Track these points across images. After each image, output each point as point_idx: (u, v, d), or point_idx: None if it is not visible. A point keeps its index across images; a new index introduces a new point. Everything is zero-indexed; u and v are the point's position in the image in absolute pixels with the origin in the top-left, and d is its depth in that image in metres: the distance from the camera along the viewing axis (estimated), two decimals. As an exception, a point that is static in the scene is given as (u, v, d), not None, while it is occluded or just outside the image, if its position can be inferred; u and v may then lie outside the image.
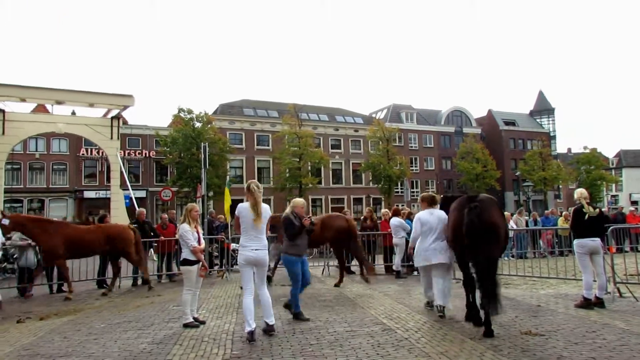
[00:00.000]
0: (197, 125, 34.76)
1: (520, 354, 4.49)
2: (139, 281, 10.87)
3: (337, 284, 9.36)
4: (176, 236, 9.29)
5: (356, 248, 9.85)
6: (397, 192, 42.10)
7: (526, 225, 16.11)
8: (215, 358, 4.63)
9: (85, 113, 22.47)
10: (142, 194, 37.61)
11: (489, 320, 5.16)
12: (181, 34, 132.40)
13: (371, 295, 8.21)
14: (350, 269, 11.29)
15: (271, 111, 44.84)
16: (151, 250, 12.67)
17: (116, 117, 20.72)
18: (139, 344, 5.28)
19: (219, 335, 5.51)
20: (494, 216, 5.54)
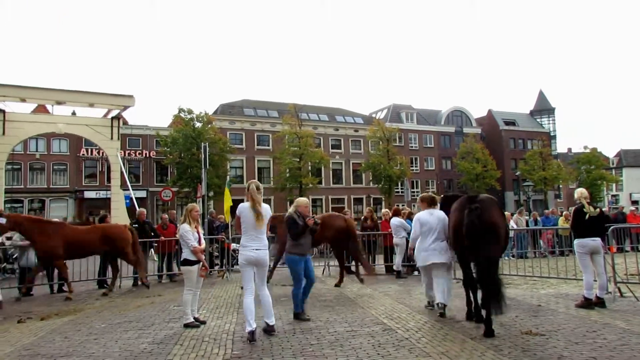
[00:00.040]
0: (198, 125, 34.79)
1: (521, 353, 4.49)
2: (140, 281, 10.88)
3: (338, 284, 9.37)
4: (176, 236, 9.30)
5: (355, 248, 9.85)
6: (398, 192, 42.10)
7: (526, 225, 16.11)
8: (216, 358, 4.64)
9: (85, 113, 22.51)
10: (143, 194, 37.63)
11: (489, 320, 5.16)
12: (181, 34, 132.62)
13: (372, 295, 8.21)
14: (350, 269, 11.28)
15: (271, 111, 44.86)
16: (152, 251, 12.67)
17: (116, 118, 20.75)
18: (140, 344, 5.28)
19: (219, 335, 5.52)
20: (494, 216, 5.55)
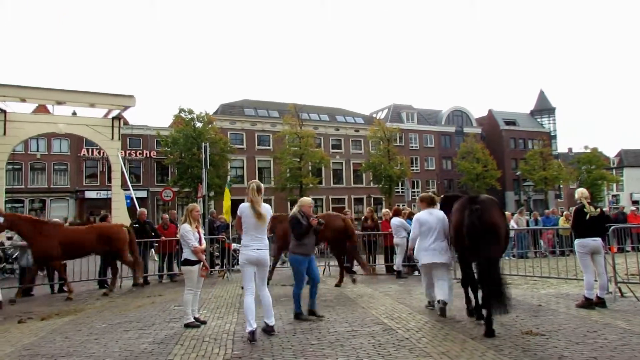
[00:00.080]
0: (198, 125, 34.80)
1: (522, 353, 4.49)
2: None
3: (338, 284, 9.37)
4: (177, 236, 9.30)
5: (353, 248, 9.84)
6: (398, 192, 42.09)
7: (527, 225, 16.10)
8: (217, 358, 4.64)
9: (86, 113, 22.42)
10: (143, 194, 37.62)
11: (490, 320, 5.16)
12: (182, 34, 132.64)
13: (372, 295, 8.21)
14: (351, 269, 11.29)
15: (272, 111, 44.87)
16: (152, 251, 12.67)
17: (117, 118, 20.69)
18: (140, 344, 5.29)
19: (220, 335, 5.52)
20: (495, 217, 5.57)
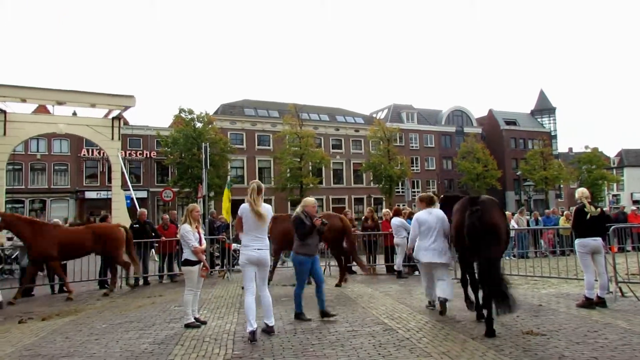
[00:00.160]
0: (198, 125, 34.81)
1: (522, 353, 4.48)
2: (141, 281, 10.90)
3: (338, 284, 9.37)
4: (177, 237, 9.30)
5: (352, 248, 9.82)
6: (398, 192, 42.09)
7: (527, 224, 16.09)
8: (217, 358, 4.64)
9: (86, 114, 22.46)
10: (143, 194, 37.63)
11: (490, 320, 5.16)
12: (182, 34, 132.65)
13: (372, 295, 8.21)
14: (351, 269, 11.29)
15: (272, 111, 44.87)
16: (153, 251, 12.68)
17: (117, 118, 20.72)
18: (141, 344, 5.29)
19: (220, 336, 5.52)
20: (495, 218, 5.59)
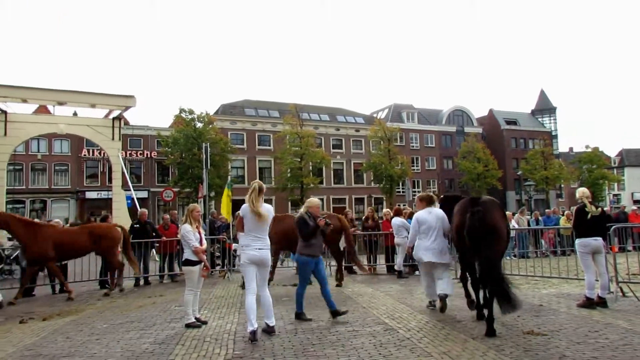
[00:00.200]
0: (199, 125, 34.84)
1: (523, 353, 4.48)
2: (141, 281, 10.90)
3: (339, 284, 9.36)
4: (178, 237, 9.30)
5: (350, 247, 9.82)
6: (399, 192, 42.08)
7: (528, 224, 16.07)
8: (218, 358, 4.64)
9: (86, 114, 22.48)
10: (144, 194, 37.65)
11: (491, 320, 5.16)
12: (182, 34, 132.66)
13: (373, 295, 8.21)
14: (352, 269, 11.29)
15: (272, 111, 44.88)
16: (153, 251, 12.68)
17: (118, 118, 20.73)
18: (142, 344, 5.29)
19: (221, 335, 5.52)
20: (496, 219, 5.60)
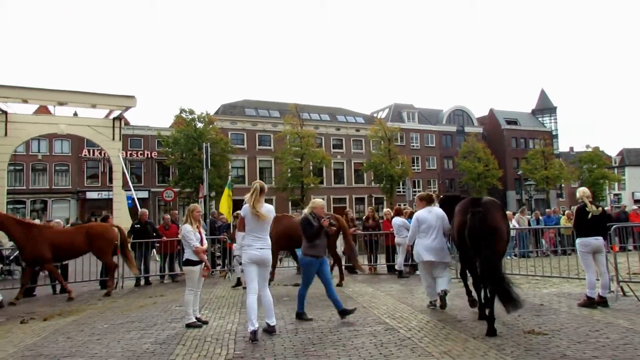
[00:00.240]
0: (199, 125, 34.87)
1: (524, 353, 4.48)
2: (142, 281, 10.90)
3: (339, 284, 9.37)
4: (179, 237, 9.30)
5: (349, 247, 9.83)
6: (399, 192, 42.08)
7: (528, 224, 16.06)
8: (218, 358, 4.64)
9: (87, 114, 22.47)
10: (145, 194, 37.68)
11: (492, 319, 5.16)
12: (182, 34, 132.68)
13: (374, 295, 8.22)
14: (353, 269, 11.28)
15: (273, 111, 44.89)
16: (154, 251, 12.70)
17: (118, 118, 20.74)
18: (142, 344, 5.29)
19: (221, 335, 5.52)
20: (497, 220, 5.61)
